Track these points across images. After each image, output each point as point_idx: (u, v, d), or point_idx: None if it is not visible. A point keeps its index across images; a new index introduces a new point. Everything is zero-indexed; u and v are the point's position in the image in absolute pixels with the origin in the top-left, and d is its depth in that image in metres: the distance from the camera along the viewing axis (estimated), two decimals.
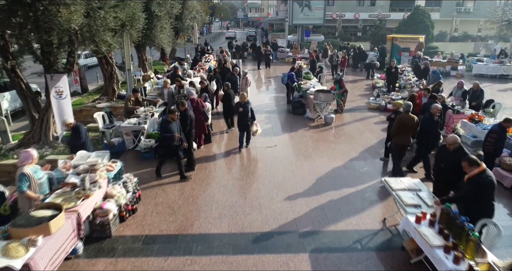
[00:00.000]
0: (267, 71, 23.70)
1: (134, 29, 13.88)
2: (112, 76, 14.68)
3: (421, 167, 8.58)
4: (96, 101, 15.10)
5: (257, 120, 12.64)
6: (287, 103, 14.85)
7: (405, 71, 17.23)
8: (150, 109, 11.13)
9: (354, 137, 11.00)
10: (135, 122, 9.84)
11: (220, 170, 8.71)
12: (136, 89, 10.90)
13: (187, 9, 25.76)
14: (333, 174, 8.45)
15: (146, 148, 9.21)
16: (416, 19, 29.40)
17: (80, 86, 18.47)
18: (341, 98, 13.09)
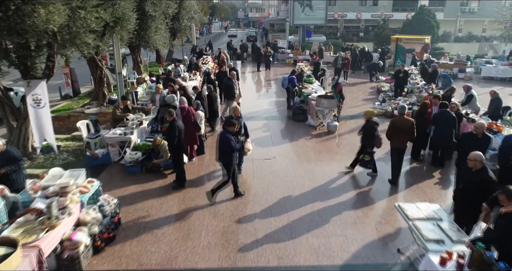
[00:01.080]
0: (267, 73, 22.86)
1: (124, 30, 13.08)
2: (101, 80, 13.85)
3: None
4: (85, 106, 14.28)
5: (255, 128, 11.90)
6: (288, 108, 14.01)
7: (412, 74, 16.33)
8: (139, 117, 10.30)
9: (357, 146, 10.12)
10: (120, 132, 9.01)
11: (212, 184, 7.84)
12: (125, 97, 10.05)
13: (185, 9, 24.93)
14: (337, 193, 7.60)
15: (132, 161, 8.37)
16: (421, 19, 28.53)
17: (72, 90, 17.68)
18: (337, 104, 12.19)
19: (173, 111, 7.53)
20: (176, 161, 7.72)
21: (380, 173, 8.47)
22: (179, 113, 8.88)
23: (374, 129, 7.94)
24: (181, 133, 7.54)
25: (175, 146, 7.47)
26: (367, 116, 8.09)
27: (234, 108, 8.07)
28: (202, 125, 9.56)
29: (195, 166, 8.94)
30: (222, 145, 6.68)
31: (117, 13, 12.25)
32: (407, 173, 8.60)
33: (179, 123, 7.56)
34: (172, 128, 7.39)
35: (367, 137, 8.05)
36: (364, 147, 8.23)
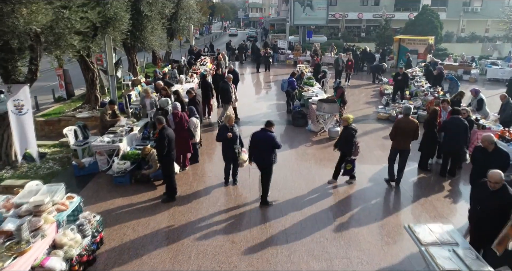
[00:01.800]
0: (266, 74, 22.30)
1: (117, 31, 12.55)
2: (93, 82, 13.30)
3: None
4: (77, 110, 13.74)
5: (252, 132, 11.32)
6: (287, 112, 13.46)
7: (417, 76, 15.76)
8: (130, 122, 9.76)
9: (362, 155, 9.55)
10: (108, 140, 8.46)
11: (205, 200, 7.30)
12: (113, 101, 9.50)
13: (183, 9, 24.40)
14: (340, 207, 7.05)
15: (120, 171, 7.82)
16: (424, 20, 27.94)
17: (65, 92, 17.15)
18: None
19: (162, 119, 6.98)
20: (165, 172, 7.17)
21: (386, 186, 7.91)
22: (171, 120, 8.34)
23: (352, 136, 7.48)
24: (171, 142, 6.99)
25: (165, 156, 6.92)
26: (345, 123, 7.62)
27: (228, 117, 7.50)
28: (197, 132, 9.00)
29: (188, 176, 8.38)
30: (269, 144, 6.82)
31: (108, 13, 11.73)
32: (415, 184, 8.04)
33: (169, 131, 7.01)
34: (161, 137, 6.84)
35: (346, 144, 7.57)
36: (343, 155, 7.73)
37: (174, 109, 8.48)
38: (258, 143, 6.88)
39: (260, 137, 6.91)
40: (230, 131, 7.43)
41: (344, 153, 7.69)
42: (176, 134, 8.32)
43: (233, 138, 7.49)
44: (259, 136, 6.94)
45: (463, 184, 7.97)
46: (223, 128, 7.50)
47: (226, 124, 7.49)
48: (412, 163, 9.01)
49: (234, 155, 7.54)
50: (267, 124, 7.00)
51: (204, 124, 12.08)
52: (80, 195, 7.44)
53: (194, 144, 9.07)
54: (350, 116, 7.73)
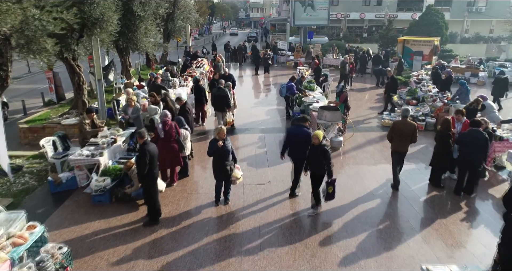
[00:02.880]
0: (266, 77, 21.47)
1: (105, 32, 11.77)
2: (80, 87, 12.51)
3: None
4: (63, 115, 12.95)
5: (249, 142, 10.55)
6: (287, 119, 12.65)
7: (423, 80, 14.91)
8: (115, 133, 8.96)
9: (368, 169, 8.78)
10: (88, 153, 7.66)
11: (192, 224, 6.50)
12: (91, 109, 8.68)
13: (179, 9, 23.64)
14: (344, 234, 6.24)
15: (98, 189, 7.02)
16: (428, 20, 27.08)
17: (55, 95, 16.36)
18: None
19: (143, 132, 6.18)
20: (147, 193, 6.38)
21: (395, 207, 7.10)
22: (161, 128, 7.56)
23: (329, 154, 6.39)
24: (154, 159, 6.18)
25: (146, 175, 6.12)
26: (315, 140, 6.37)
27: (218, 130, 6.67)
28: (187, 144, 8.20)
29: (175, 193, 7.58)
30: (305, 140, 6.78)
31: (94, 13, 10.96)
32: (427, 203, 7.22)
33: (151, 147, 6.20)
34: (142, 153, 6.04)
35: (319, 165, 6.45)
36: (318, 177, 6.59)
37: (165, 117, 7.70)
38: (293, 138, 7.04)
39: (296, 132, 7.07)
40: (222, 146, 6.62)
41: (320, 175, 6.55)
42: (165, 145, 7.62)
43: (225, 153, 6.68)
44: (294, 131, 7.12)
45: (482, 204, 7.17)
46: (213, 142, 6.70)
47: (216, 138, 6.67)
48: (422, 177, 8.21)
49: (226, 172, 6.73)
50: (302, 120, 7.21)
51: (197, 133, 11.29)
52: (53, 216, 6.77)
53: (184, 157, 8.29)
54: (320, 133, 6.54)
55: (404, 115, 7.46)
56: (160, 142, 7.67)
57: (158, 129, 7.68)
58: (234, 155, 6.95)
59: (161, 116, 7.64)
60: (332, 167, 6.45)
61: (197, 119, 12.09)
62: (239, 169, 7.03)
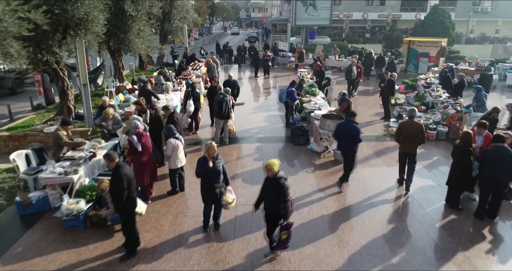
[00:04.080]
0: (266, 79, 20.57)
1: (90, 33, 10.92)
2: (64, 92, 11.66)
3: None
4: (48, 122, 12.11)
5: (245, 154, 9.67)
6: (286, 126, 11.76)
7: (433, 84, 13.99)
8: (96, 144, 8.10)
9: (376, 184, 7.88)
10: (61, 171, 6.80)
11: (176, 256, 5.63)
12: (67, 121, 7.79)
13: (176, 9, 22.81)
14: (349, 267, 5.35)
15: (70, 214, 6.16)
16: (435, 20, 26.11)
17: (44, 99, 15.53)
18: None
19: (113, 154, 5.28)
20: (125, 222, 5.49)
21: (408, 235, 6.21)
22: (136, 141, 6.73)
23: (286, 189, 5.11)
24: (131, 183, 5.31)
25: (124, 203, 5.24)
26: (269, 172, 5.13)
27: (208, 146, 5.75)
28: (179, 156, 7.31)
29: (158, 216, 6.70)
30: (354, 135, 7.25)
31: (78, 13, 10.11)
32: (444, 229, 6.33)
33: (127, 169, 5.31)
34: (117, 179, 5.11)
35: (274, 203, 5.17)
36: (272, 218, 5.33)
37: (136, 129, 6.87)
38: (343, 132, 7.39)
39: (345, 127, 7.43)
40: (212, 165, 5.73)
41: (275, 215, 5.27)
42: (144, 159, 6.92)
43: (215, 174, 5.78)
44: (343, 126, 7.48)
45: (508, 231, 6.27)
46: (202, 161, 5.81)
47: (206, 155, 5.78)
48: (437, 196, 7.32)
49: (215, 196, 5.84)
50: (351, 115, 7.53)
51: (190, 142, 10.43)
52: (17, 245, 5.91)
53: (173, 171, 7.43)
54: (275, 161, 5.20)
55: (410, 115, 7.32)
56: (138, 156, 6.91)
57: (134, 142, 6.82)
58: (226, 176, 6.05)
59: (132, 128, 6.83)
60: (290, 206, 5.19)
61: (190, 127, 11.24)
62: (232, 192, 6.12)
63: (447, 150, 9.87)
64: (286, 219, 5.22)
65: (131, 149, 6.94)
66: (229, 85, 11.44)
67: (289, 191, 5.17)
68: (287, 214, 5.19)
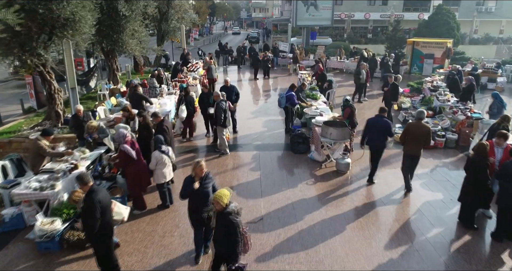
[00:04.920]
0: (265, 82, 19.94)
1: (78, 34, 10.33)
2: (52, 96, 11.07)
3: None
4: (35, 128, 11.53)
5: (241, 163, 9.02)
6: (286, 132, 11.15)
7: (440, 88, 13.34)
8: (80, 154, 7.49)
9: (383, 201, 7.25)
10: (36, 186, 6.19)
11: None
12: (48, 131, 7.19)
13: (173, 9, 22.23)
14: None
15: (43, 235, 5.55)
16: (439, 20, 25.44)
17: (36, 101, 14.99)
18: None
19: (86, 177, 4.63)
20: (99, 254, 4.86)
21: (420, 260, 5.57)
22: (129, 149, 6.25)
23: (236, 226, 4.24)
24: (106, 211, 4.68)
25: (97, 234, 4.62)
26: (218, 206, 4.25)
27: (195, 165, 5.05)
28: (164, 171, 6.72)
29: (143, 235, 6.09)
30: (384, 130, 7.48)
31: (63, 13, 9.52)
32: (459, 253, 5.69)
33: (101, 195, 4.64)
34: (89, 207, 4.46)
35: (222, 241, 4.36)
36: (222, 257, 4.51)
37: (125, 138, 6.32)
38: (373, 127, 7.51)
39: (375, 122, 7.56)
40: (199, 185, 5.05)
41: (224, 253, 4.43)
42: (141, 165, 6.67)
43: (202, 196, 5.07)
44: (374, 121, 7.61)
45: None
46: (188, 181, 5.11)
47: (193, 175, 5.12)
48: (448, 213, 6.70)
49: (203, 221, 5.16)
50: (381, 111, 7.76)
51: (184, 150, 9.83)
52: None
53: (160, 185, 6.84)
54: (225, 192, 4.30)
55: (418, 117, 7.28)
56: (135, 165, 6.46)
57: (129, 152, 6.30)
58: None
59: (121, 138, 6.27)
60: (240, 246, 4.32)
61: (184, 133, 10.64)
62: None
63: (458, 159, 9.26)
64: (234, 262, 4.33)
65: (124, 160, 6.38)
66: (226, 90, 10.64)
67: (240, 228, 4.27)
68: (235, 256, 4.31)
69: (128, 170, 6.59)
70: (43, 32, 9.95)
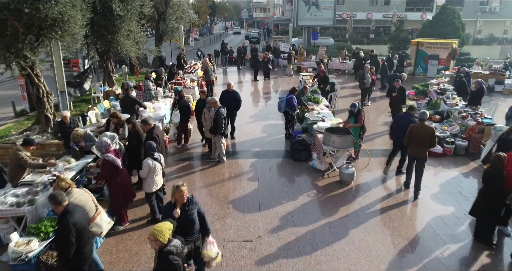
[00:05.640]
0: (266, 83, 19.41)
1: (67, 35, 9.82)
2: (40, 100, 10.56)
3: None
4: (23, 133, 11.03)
5: (239, 172, 8.49)
6: (286, 138, 10.62)
7: (448, 91, 12.78)
8: (64, 163, 6.98)
9: (390, 216, 6.72)
10: (12, 201, 5.67)
11: None
12: (29, 141, 6.67)
13: (172, 9, 21.73)
14: None
15: (17, 258, 5.02)
16: (444, 20, 24.87)
17: (29, 104, 14.50)
18: (358, 140, 8.66)
19: (58, 196, 4.12)
20: None
21: None
22: (114, 158, 5.74)
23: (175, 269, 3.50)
24: (82, 234, 4.16)
25: (73, 260, 4.10)
26: (156, 244, 3.57)
27: (174, 189, 4.37)
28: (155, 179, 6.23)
29: (129, 255, 5.57)
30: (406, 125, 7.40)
31: (51, 13, 9.00)
32: None
33: (77, 216, 4.12)
34: (63, 229, 3.97)
35: None
36: None
37: (108, 148, 5.82)
38: (400, 125, 7.57)
39: (405, 119, 7.70)
40: (181, 212, 4.35)
41: None
42: (126, 176, 6.24)
43: (185, 225, 4.34)
44: (403, 118, 7.82)
45: None
46: (169, 208, 4.43)
47: (172, 201, 4.43)
48: (462, 229, 6.16)
49: (190, 252, 4.43)
50: (410, 109, 7.91)
51: (178, 158, 9.32)
52: None
53: (149, 194, 6.34)
54: (164, 227, 3.61)
55: (421, 118, 7.13)
56: (120, 175, 5.96)
57: (114, 161, 5.79)
58: (206, 224, 4.61)
59: (102, 147, 5.78)
60: None
61: (179, 139, 10.11)
62: (214, 244, 4.66)
63: (469, 168, 8.71)
64: None
65: (109, 171, 5.85)
66: (228, 96, 9.89)
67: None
68: None
69: (113, 181, 6.06)
70: (30, 33, 9.45)
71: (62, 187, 4.96)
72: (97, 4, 12.97)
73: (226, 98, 9.74)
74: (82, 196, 4.96)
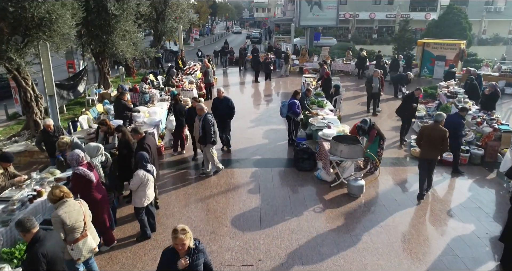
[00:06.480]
0: (267, 85, 18.81)
1: (56, 35, 9.23)
2: (29, 104, 9.99)
3: None
4: (12, 138, 10.47)
5: (238, 183, 7.86)
6: (289, 144, 10.02)
7: (459, 95, 12.16)
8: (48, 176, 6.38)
9: (405, 235, 6.10)
10: None
11: None
12: (7, 157, 6.01)
13: (171, 8, 21.16)
14: None
15: None
16: (450, 20, 24.23)
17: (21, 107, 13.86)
18: (377, 150, 8.06)
19: (29, 223, 3.54)
20: None
21: None
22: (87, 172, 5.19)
23: None
24: (56, 265, 3.57)
25: None
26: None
27: (173, 236, 3.44)
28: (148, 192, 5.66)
29: None
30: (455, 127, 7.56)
31: (37, 12, 8.42)
32: None
33: (49, 245, 3.54)
34: (31, 261, 3.41)
35: None
36: None
37: (81, 159, 5.20)
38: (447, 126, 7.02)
39: (452, 120, 7.68)
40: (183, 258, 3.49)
41: None
42: (101, 191, 5.45)
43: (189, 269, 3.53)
44: (450, 119, 7.67)
45: None
46: (168, 256, 3.56)
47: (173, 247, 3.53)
48: (485, 251, 5.54)
49: None
50: (462, 110, 7.98)
51: (174, 166, 8.72)
52: None
53: (139, 209, 5.75)
54: None
55: (436, 120, 6.87)
56: (94, 190, 5.31)
57: (87, 175, 5.17)
58: (209, 266, 3.78)
59: (73, 160, 5.18)
60: None
61: (176, 146, 9.51)
62: None
63: (486, 179, 8.09)
64: None
65: (78, 185, 5.20)
66: (220, 104, 9.13)
67: None
68: None
69: (88, 198, 5.35)
70: (16, 33, 8.88)
71: (55, 195, 4.39)
72: (91, 3, 12.41)
73: (219, 106, 9.07)
74: (73, 211, 4.37)
